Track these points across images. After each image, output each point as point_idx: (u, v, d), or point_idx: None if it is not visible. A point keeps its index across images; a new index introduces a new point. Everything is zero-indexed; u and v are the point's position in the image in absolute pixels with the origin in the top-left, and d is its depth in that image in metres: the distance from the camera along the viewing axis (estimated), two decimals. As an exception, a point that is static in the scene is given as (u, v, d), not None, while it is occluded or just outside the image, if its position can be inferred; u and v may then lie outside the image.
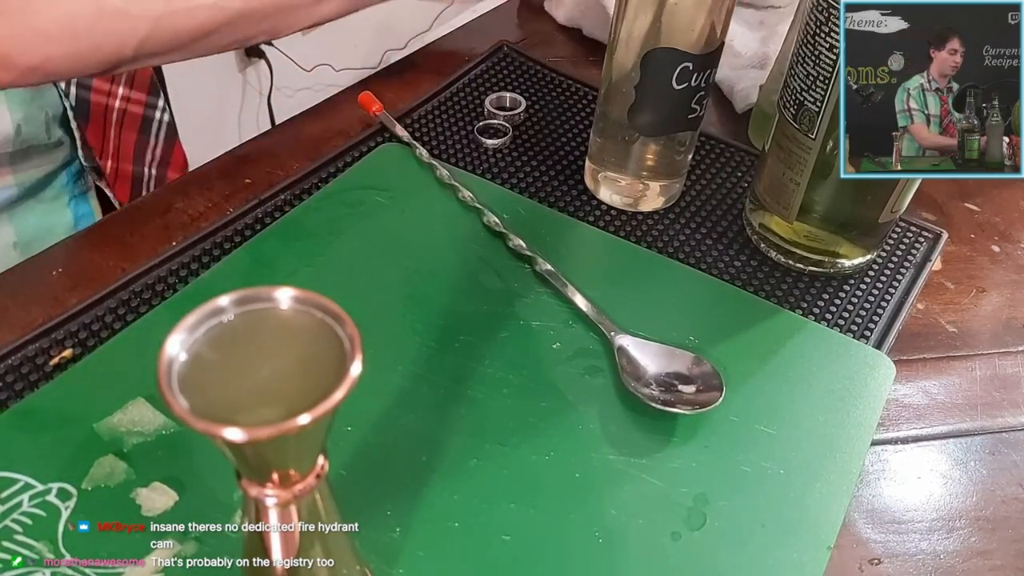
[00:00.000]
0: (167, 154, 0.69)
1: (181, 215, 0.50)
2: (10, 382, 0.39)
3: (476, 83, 0.61)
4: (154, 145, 0.68)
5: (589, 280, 0.45)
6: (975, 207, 0.56)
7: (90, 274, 0.46)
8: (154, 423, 0.37)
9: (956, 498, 0.39)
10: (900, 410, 0.43)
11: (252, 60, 1.65)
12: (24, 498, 0.34)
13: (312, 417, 0.20)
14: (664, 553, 0.35)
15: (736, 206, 0.53)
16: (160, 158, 0.69)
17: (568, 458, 0.38)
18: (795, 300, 0.47)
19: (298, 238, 0.47)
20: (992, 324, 0.48)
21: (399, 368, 0.41)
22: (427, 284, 0.45)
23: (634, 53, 0.45)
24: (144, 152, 0.67)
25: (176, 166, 0.71)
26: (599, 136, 0.50)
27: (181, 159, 0.71)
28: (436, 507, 0.36)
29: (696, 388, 0.40)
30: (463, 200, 0.50)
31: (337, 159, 0.53)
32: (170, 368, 0.21)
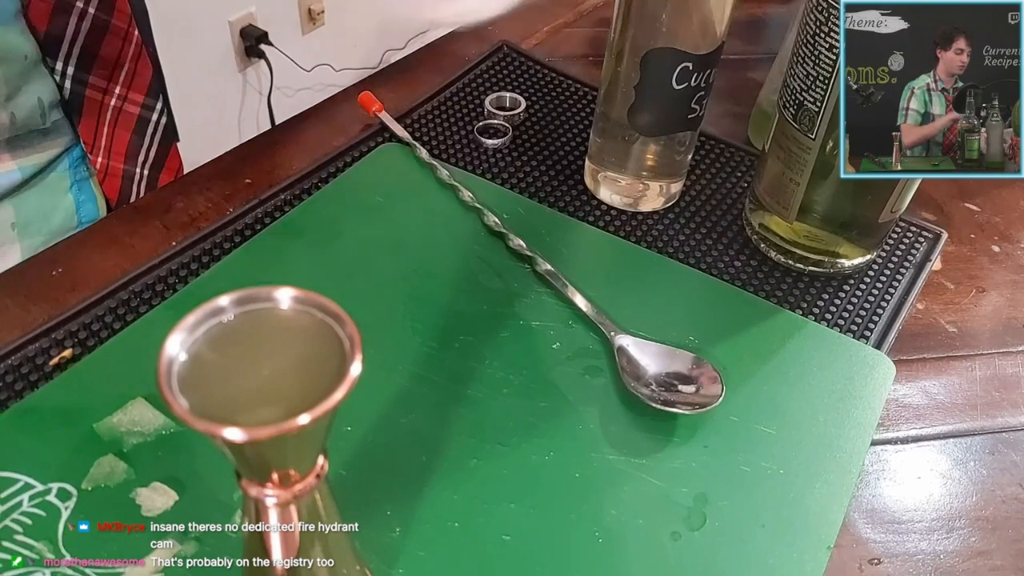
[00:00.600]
0: (161, 157, 0.69)
1: (181, 215, 0.50)
2: (10, 382, 0.39)
3: (476, 83, 0.61)
4: (148, 146, 0.68)
5: (589, 280, 0.45)
6: (975, 207, 0.56)
7: (90, 274, 0.46)
8: (154, 423, 0.37)
9: (956, 498, 0.39)
10: (900, 410, 0.43)
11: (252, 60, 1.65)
12: (24, 498, 0.34)
13: (312, 417, 0.20)
14: (664, 553, 0.35)
15: (736, 206, 0.53)
16: (154, 160, 0.69)
17: (568, 458, 0.38)
18: (795, 300, 0.47)
19: (298, 238, 0.47)
20: (992, 324, 0.48)
21: (399, 368, 0.41)
22: (427, 284, 0.45)
23: (634, 53, 0.45)
24: (137, 152, 0.67)
25: (170, 169, 0.70)
26: (599, 136, 0.50)
27: (176, 163, 0.71)
28: (436, 507, 0.36)
29: (696, 388, 0.40)
30: (463, 200, 0.50)
31: (337, 159, 0.53)
32: (170, 368, 0.21)
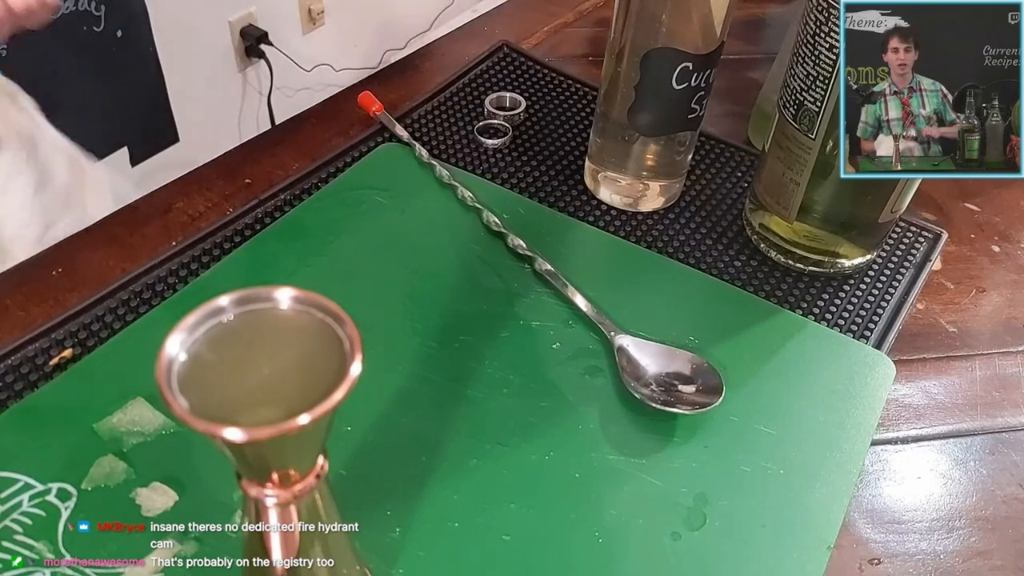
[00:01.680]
0: None
1: (181, 215, 0.50)
2: (10, 382, 0.39)
3: (476, 83, 0.61)
4: None
5: (589, 280, 0.45)
6: (975, 207, 0.56)
7: (90, 274, 0.46)
8: (154, 423, 0.37)
9: (956, 498, 0.39)
10: (900, 410, 0.43)
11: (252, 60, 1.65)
12: (24, 498, 0.34)
13: (312, 417, 0.20)
14: (664, 553, 0.35)
15: (736, 206, 0.53)
16: None
17: (568, 458, 0.38)
18: (795, 300, 0.47)
19: (298, 238, 0.47)
20: (992, 324, 0.48)
21: (399, 368, 0.41)
22: (427, 284, 0.45)
23: (634, 53, 0.45)
24: None
25: None
26: (599, 136, 0.50)
27: None
28: (436, 507, 0.36)
29: (696, 388, 0.40)
30: (463, 200, 0.50)
31: (337, 159, 0.53)
32: (170, 368, 0.21)
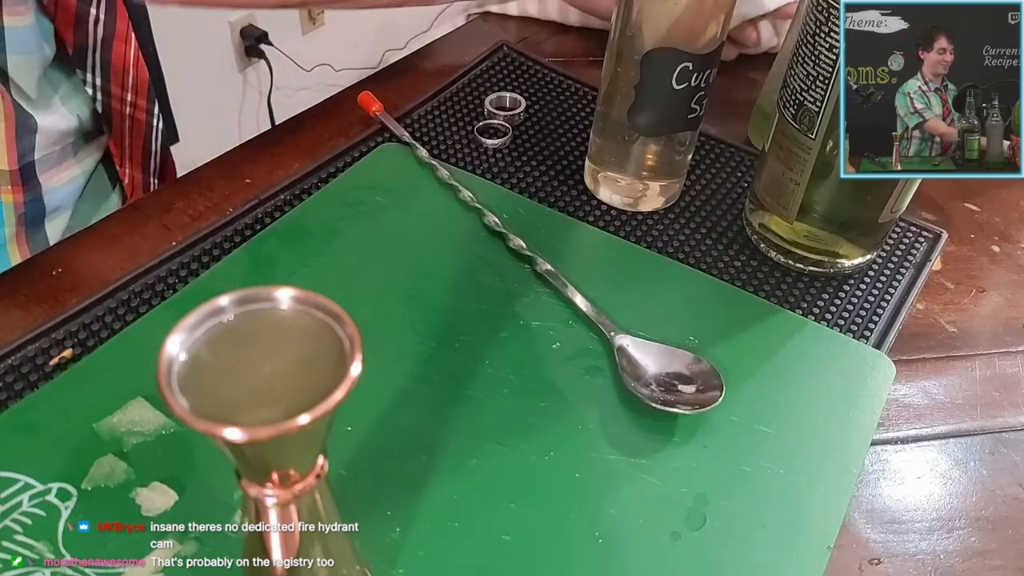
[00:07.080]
0: (163, 164, 0.69)
1: (181, 215, 0.50)
2: (10, 382, 0.39)
3: (476, 83, 0.61)
4: (155, 153, 0.68)
5: (589, 280, 0.45)
6: (975, 207, 0.56)
7: (90, 274, 0.46)
8: (154, 423, 0.37)
9: (956, 498, 0.39)
10: (900, 410, 0.43)
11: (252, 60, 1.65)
12: (24, 498, 0.34)
13: (312, 417, 0.20)
14: (664, 553, 0.35)
15: (736, 206, 0.53)
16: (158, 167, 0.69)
17: (568, 458, 0.38)
18: (795, 300, 0.47)
19: (298, 238, 0.47)
20: (992, 324, 0.48)
21: (399, 368, 0.41)
22: (427, 284, 0.45)
23: (634, 53, 0.45)
24: (149, 160, 0.67)
25: (168, 177, 0.70)
26: (599, 136, 0.50)
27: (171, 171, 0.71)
28: (436, 507, 0.36)
29: (696, 388, 0.40)
30: (463, 200, 0.50)
31: (337, 159, 0.53)
32: (170, 368, 0.21)
